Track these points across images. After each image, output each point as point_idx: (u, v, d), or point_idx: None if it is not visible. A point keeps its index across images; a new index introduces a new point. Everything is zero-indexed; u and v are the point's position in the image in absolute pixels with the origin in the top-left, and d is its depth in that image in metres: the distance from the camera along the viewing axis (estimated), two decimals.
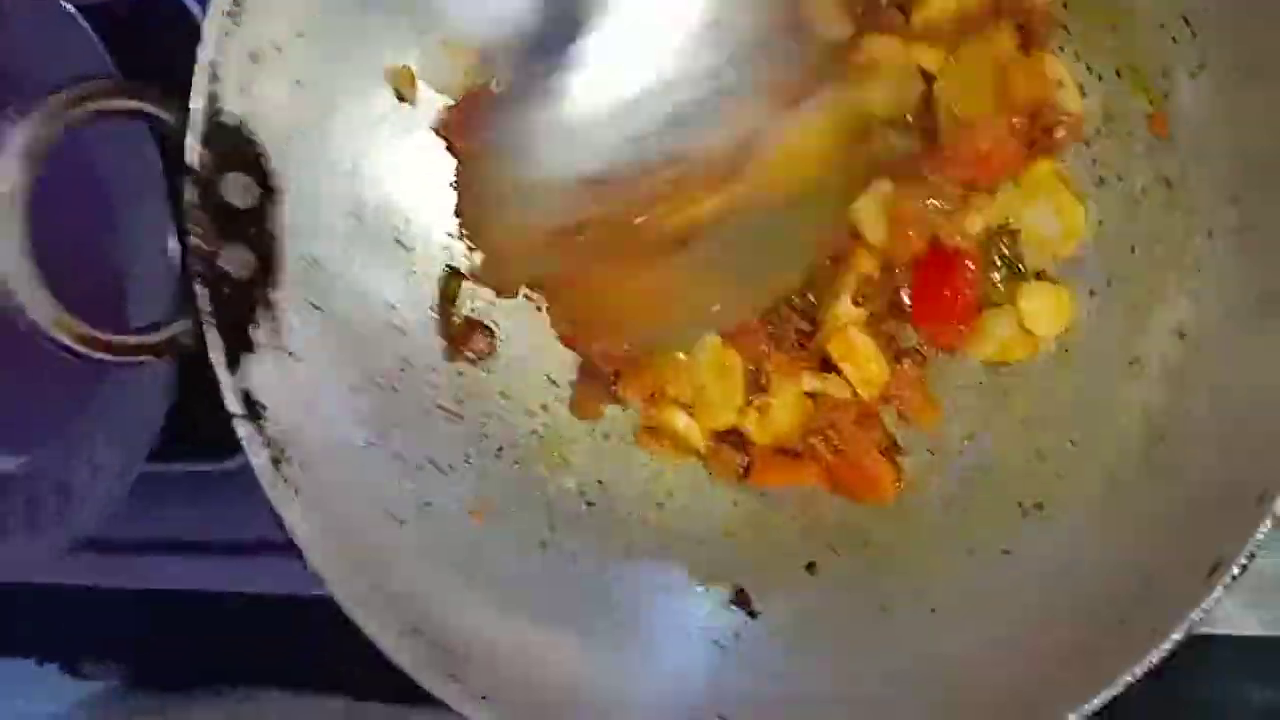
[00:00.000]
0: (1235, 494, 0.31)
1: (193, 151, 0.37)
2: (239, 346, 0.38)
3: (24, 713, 0.68)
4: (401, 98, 0.43)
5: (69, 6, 0.51)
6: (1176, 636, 0.31)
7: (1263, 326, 0.32)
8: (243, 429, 0.38)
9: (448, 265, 0.44)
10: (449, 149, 0.43)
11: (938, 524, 0.41)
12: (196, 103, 0.37)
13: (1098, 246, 0.39)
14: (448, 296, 0.44)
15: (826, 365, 0.41)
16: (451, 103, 0.43)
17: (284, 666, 0.63)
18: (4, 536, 0.60)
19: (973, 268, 0.39)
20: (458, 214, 0.44)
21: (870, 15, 0.39)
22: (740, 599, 0.42)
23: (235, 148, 0.38)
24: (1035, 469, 0.39)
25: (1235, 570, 0.30)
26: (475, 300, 0.45)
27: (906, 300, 0.40)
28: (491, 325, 0.45)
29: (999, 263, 0.39)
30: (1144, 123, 0.37)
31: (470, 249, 0.44)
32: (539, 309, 0.45)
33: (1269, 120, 0.32)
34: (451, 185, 0.44)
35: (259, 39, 0.38)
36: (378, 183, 0.43)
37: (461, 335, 0.44)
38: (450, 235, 0.45)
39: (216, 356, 0.37)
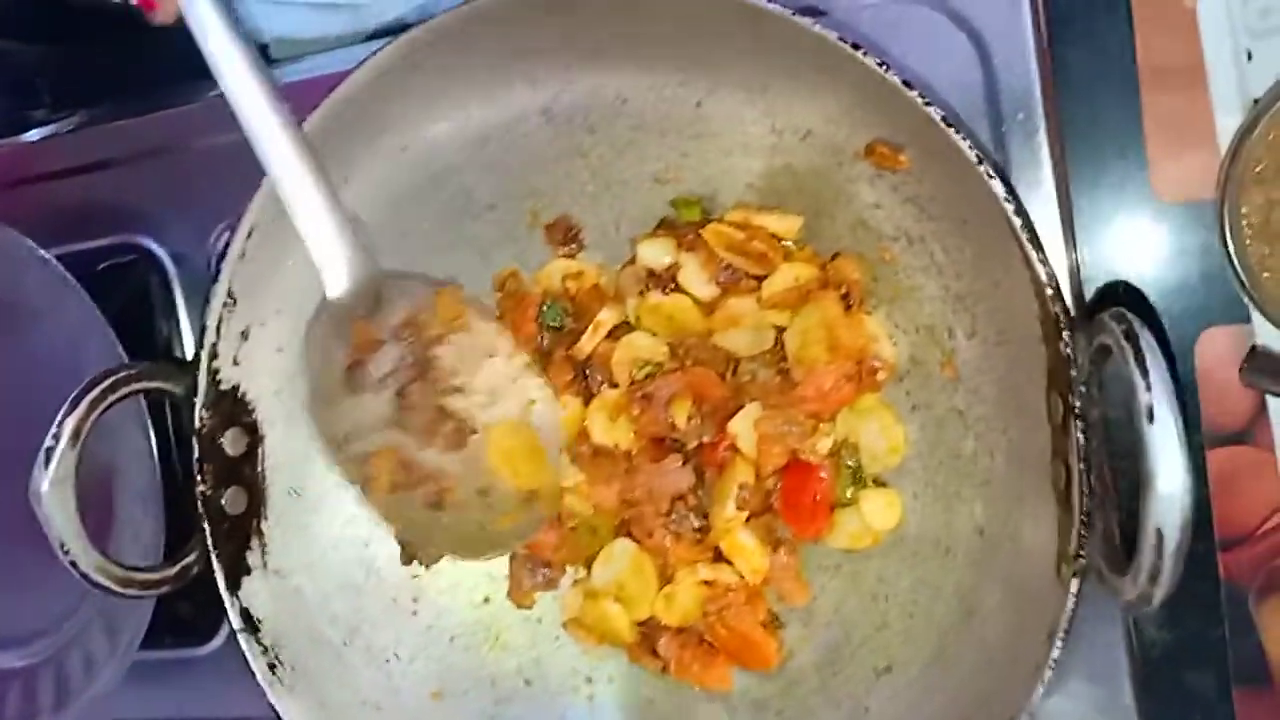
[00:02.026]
0: (1020, 661, 0.39)
1: (199, 418, 0.45)
2: (238, 571, 0.46)
3: None
4: None
5: (47, 255, 0.56)
6: None
7: (1033, 529, 0.41)
8: (243, 641, 0.45)
9: None
10: None
11: (813, 685, 0.48)
12: (201, 378, 0.45)
13: (916, 459, 0.47)
14: None
15: (719, 556, 0.49)
16: None
17: None
18: None
19: (825, 477, 0.47)
20: None
21: (732, 282, 0.48)
22: None
23: (230, 408, 0.47)
24: (883, 637, 0.46)
25: None
26: None
27: (778, 501, 0.48)
28: None
29: (845, 472, 0.47)
30: (939, 367, 0.46)
31: None
32: None
33: (1013, 373, 0.42)
34: None
35: (248, 320, 0.47)
36: None
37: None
38: None
39: (220, 582, 0.45)
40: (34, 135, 0.67)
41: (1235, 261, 0.44)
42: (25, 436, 0.51)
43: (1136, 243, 0.47)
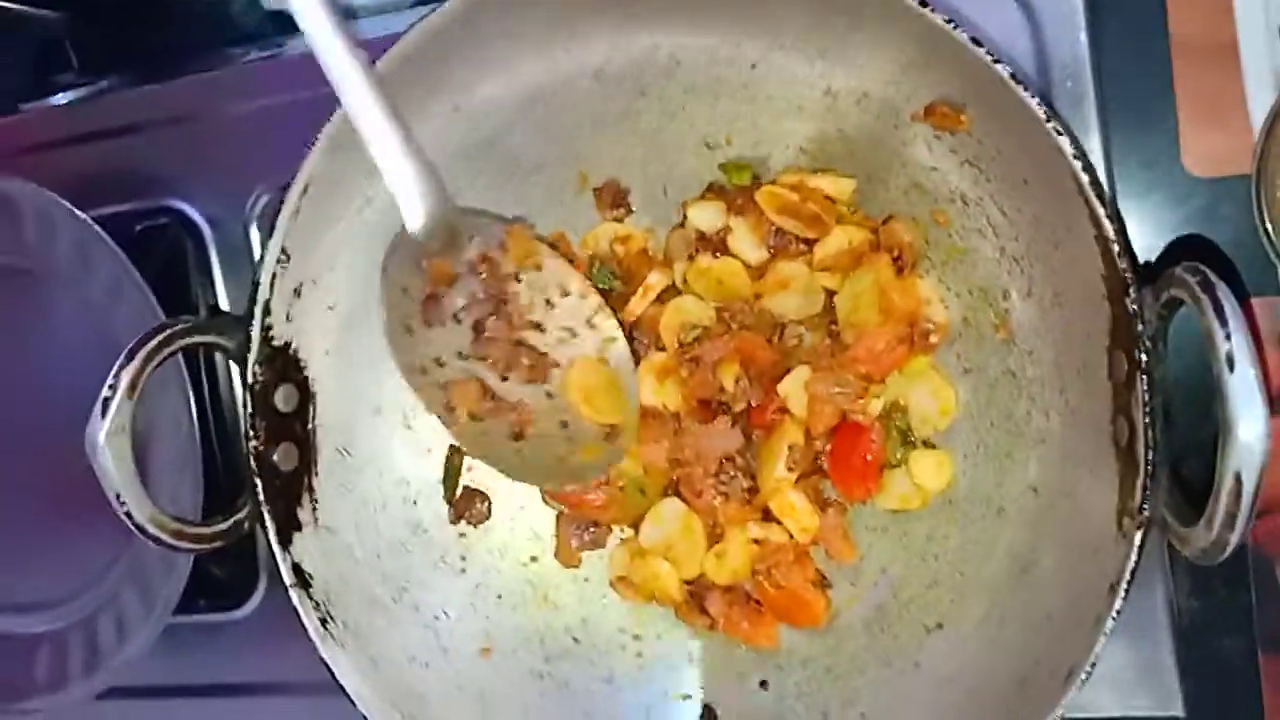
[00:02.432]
0: (1079, 616, 0.39)
1: (252, 373, 0.45)
2: (289, 527, 0.45)
3: None
4: None
5: (83, 215, 0.56)
6: None
7: (1091, 485, 0.41)
8: (295, 596, 0.44)
9: (451, 444, 0.51)
10: None
11: (861, 643, 0.48)
12: (254, 333, 0.45)
13: (966, 420, 0.47)
14: (451, 470, 0.52)
15: (768, 515, 0.49)
16: None
17: None
18: (31, 693, 0.63)
19: (875, 438, 0.47)
20: None
21: (781, 246, 0.48)
22: (709, 715, 0.49)
23: (283, 364, 0.46)
24: (932, 595, 0.47)
25: (1083, 676, 0.38)
26: (473, 471, 0.52)
27: (826, 462, 0.49)
28: (487, 492, 0.52)
29: (895, 434, 0.47)
30: (992, 329, 0.46)
31: None
32: None
33: (1070, 332, 0.42)
34: None
35: (300, 276, 0.46)
36: (391, 380, 0.48)
37: (463, 502, 0.52)
38: None
39: (272, 537, 0.45)
40: (62, 99, 0.67)
41: (1270, 233, 0.44)
42: (60, 396, 0.51)
43: (1168, 215, 0.48)
